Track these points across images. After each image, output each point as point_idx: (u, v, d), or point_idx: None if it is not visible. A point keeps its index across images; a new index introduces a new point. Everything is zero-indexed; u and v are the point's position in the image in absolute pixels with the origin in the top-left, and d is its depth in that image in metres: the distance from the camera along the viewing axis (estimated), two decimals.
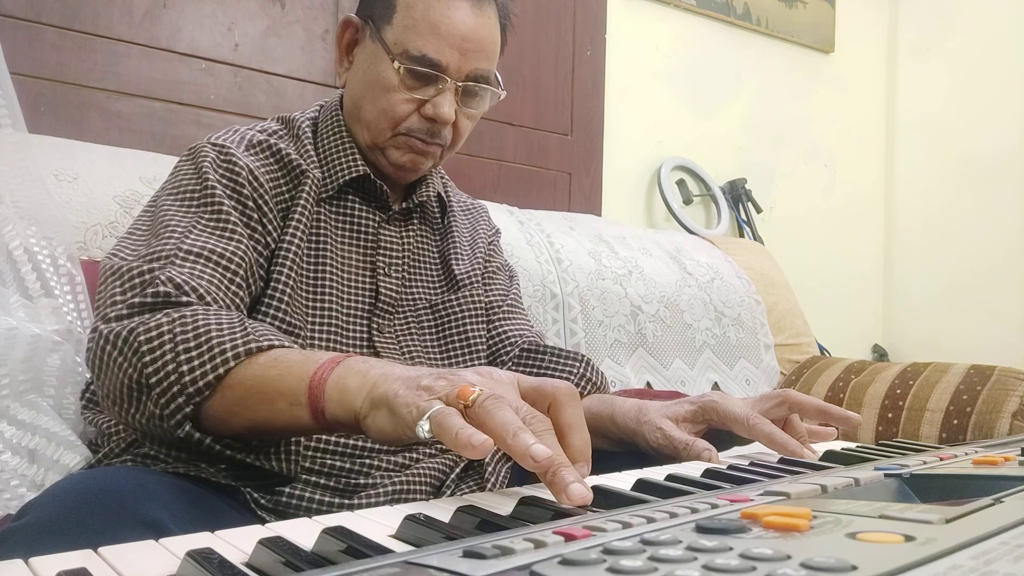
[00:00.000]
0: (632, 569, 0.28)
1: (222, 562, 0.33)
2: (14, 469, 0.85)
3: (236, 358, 0.63)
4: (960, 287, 2.70)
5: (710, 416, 0.79)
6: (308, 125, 0.93)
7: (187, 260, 0.74)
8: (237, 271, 0.78)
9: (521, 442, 0.48)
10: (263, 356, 0.64)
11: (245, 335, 0.65)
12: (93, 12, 1.49)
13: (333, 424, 0.60)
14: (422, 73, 0.85)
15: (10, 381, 0.90)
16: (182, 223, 0.78)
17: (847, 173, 2.85)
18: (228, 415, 0.64)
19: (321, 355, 0.63)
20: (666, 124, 2.38)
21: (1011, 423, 1.45)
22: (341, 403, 0.58)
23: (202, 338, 0.65)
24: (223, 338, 0.64)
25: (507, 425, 0.49)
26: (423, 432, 0.51)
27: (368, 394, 0.56)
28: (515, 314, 1.04)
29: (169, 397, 0.64)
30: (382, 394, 0.55)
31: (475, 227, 1.06)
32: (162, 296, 0.70)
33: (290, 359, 0.64)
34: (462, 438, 0.48)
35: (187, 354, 0.64)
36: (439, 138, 0.89)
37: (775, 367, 1.88)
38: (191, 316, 0.67)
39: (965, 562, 0.28)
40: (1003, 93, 2.63)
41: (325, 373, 0.60)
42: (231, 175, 0.83)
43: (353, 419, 0.57)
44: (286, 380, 0.61)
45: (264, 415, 0.63)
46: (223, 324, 0.66)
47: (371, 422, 0.56)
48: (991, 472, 0.51)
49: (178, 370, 0.63)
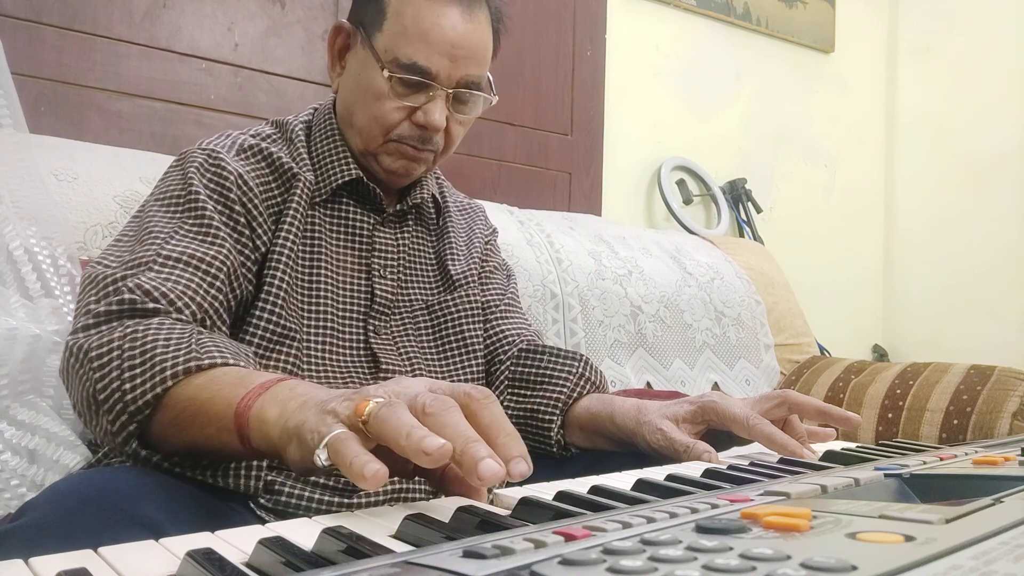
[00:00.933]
0: (632, 569, 0.28)
1: (222, 562, 0.33)
2: (14, 469, 0.85)
3: (174, 377, 0.62)
4: (960, 287, 2.70)
5: (709, 416, 0.79)
6: (302, 129, 0.93)
7: (165, 265, 0.74)
8: (217, 275, 0.77)
9: (413, 440, 0.45)
10: (201, 376, 0.62)
11: (188, 352, 0.63)
12: (93, 12, 1.49)
13: (260, 455, 0.58)
14: (412, 81, 0.85)
15: (10, 381, 0.90)
16: (165, 229, 0.78)
17: (847, 173, 2.85)
18: (166, 435, 0.64)
19: (254, 378, 0.60)
20: (666, 124, 2.38)
21: (1011, 423, 1.45)
22: (261, 434, 0.56)
23: (147, 355, 0.64)
24: (166, 355, 0.63)
25: (400, 428, 0.46)
26: (320, 460, 0.48)
27: (284, 426, 0.53)
28: (512, 313, 1.04)
29: (115, 414, 0.63)
30: (294, 425, 0.52)
31: (471, 227, 1.06)
32: (127, 304, 0.69)
33: (224, 381, 0.61)
34: (355, 468, 0.45)
35: (131, 371, 0.63)
36: (431, 144, 0.89)
37: (775, 367, 1.88)
38: (142, 331, 0.66)
39: (965, 562, 0.28)
40: (1003, 93, 2.63)
41: (250, 401, 0.57)
42: (218, 180, 0.83)
43: (274, 451, 0.55)
44: (216, 405, 0.59)
45: (199, 438, 0.61)
46: (171, 340, 0.65)
47: (287, 454, 0.53)
48: (991, 472, 0.51)
49: (122, 387, 0.63)
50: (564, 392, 0.90)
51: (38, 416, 0.90)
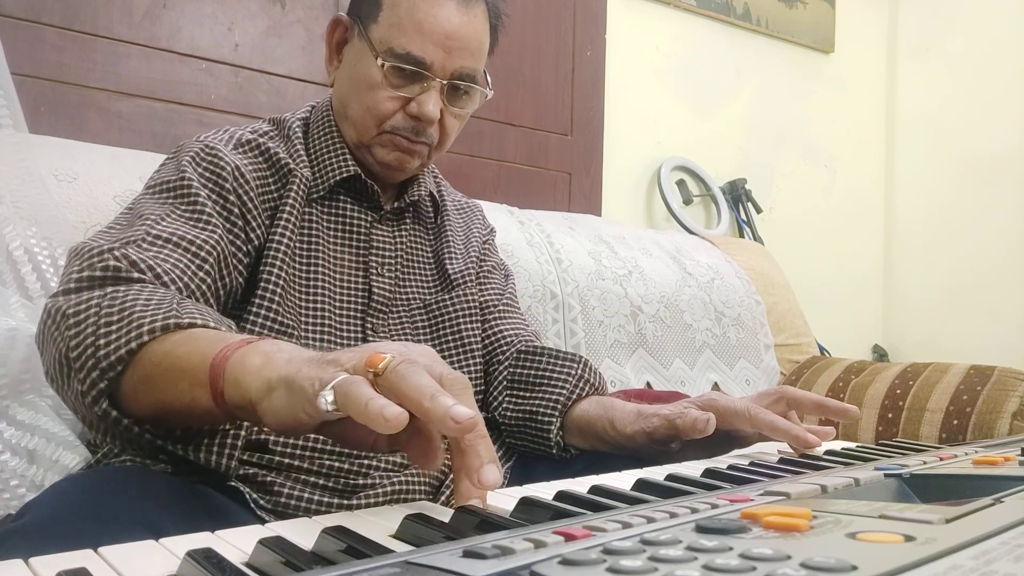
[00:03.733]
0: (632, 569, 0.28)
1: (222, 562, 0.33)
2: (13, 469, 0.85)
3: (151, 333, 0.59)
4: (960, 287, 2.70)
5: (711, 413, 0.79)
6: (299, 125, 0.93)
7: (154, 244, 0.73)
8: (207, 259, 0.76)
9: (440, 404, 0.43)
10: (180, 334, 0.59)
11: (168, 311, 0.61)
12: (93, 12, 1.49)
13: (232, 410, 0.54)
14: (406, 71, 0.85)
15: (9, 381, 0.90)
16: (156, 212, 0.78)
17: (847, 173, 2.85)
18: (137, 394, 0.60)
19: (236, 336, 0.57)
20: (666, 124, 2.38)
21: (1011, 423, 1.45)
22: (237, 384, 0.52)
23: (125, 312, 0.61)
24: (146, 312, 0.61)
25: (423, 388, 0.44)
26: (325, 403, 0.45)
27: (266, 376, 0.50)
28: (510, 313, 1.04)
29: (86, 371, 0.60)
30: (283, 374, 0.49)
31: (469, 226, 1.06)
32: (111, 270, 0.68)
33: (204, 337, 0.58)
34: (372, 409, 0.42)
35: (107, 328, 0.61)
36: (424, 136, 0.88)
37: (775, 367, 1.88)
38: (123, 292, 0.64)
39: (965, 562, 0.28)
40: (1003, 93, 2.63)
41: (229, 352, 0.54)
42: (213, 170, 0.82)
43: (248, 404, 0.51)
44: (192, 359, 0.56)
45: (169, 395, 0.58)
46: (152, 300, 0.62)
47: (266, 406, 0.50)
48: (991, 472, 0.51)
49: (96, 343, 0.60)
50: (563, 394, 0.90)
51: (38, 416, 0.90)
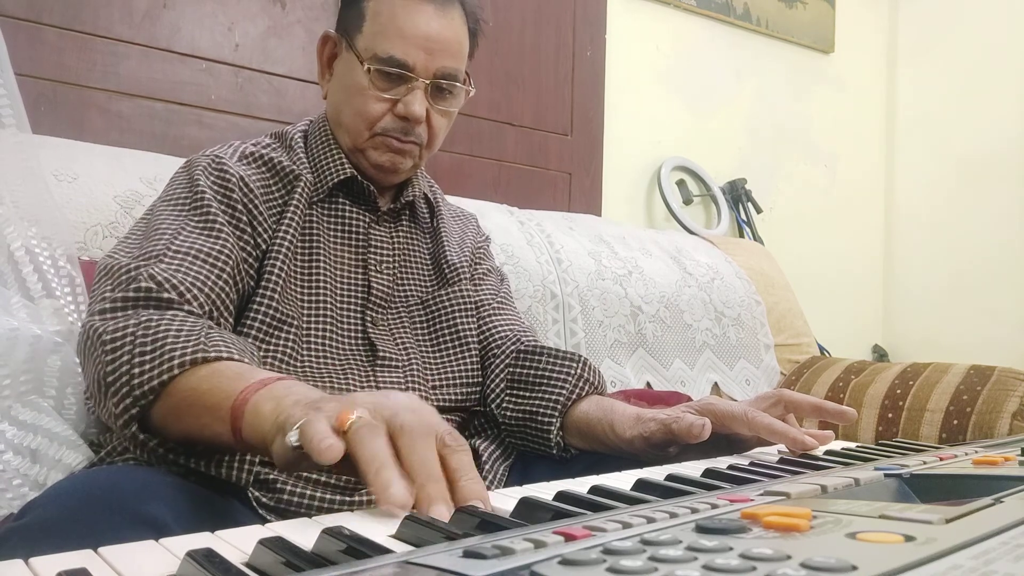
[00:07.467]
0: (632, 569, 0.28)
1: (222, 562, 0.33)
2: (16, 469, 0.86)
3: (181, 367, 0.64)
4: (960, 287, 2.70)
5: (708, 417, 0.79)
6: (300, 137, 0.99)
7: (175, 258, 0.79)
8: (224, 268, 0.82)
9: (381, 480, 0.46)
10: (205, 368, 0.65)
11: (196, 344, 0.66)
12: (93, 12, 1.49)
13: (249, 447, 0.60)
14: (391, 74, 0.90)
15: (11, 382, 0.90)
16: (172, 226, 0.83)
17: (847, 173, 2.84)
18: (166, 423, 0.66)
19: (254, 374, 0.63)
20: (666, 124, 2.38)
21: (1011, 423, 1.45)
22: (253, 427, 0.58)
23: (159, 343, 0.67)
24: (176, 345, 0.66)
25: (373, 459, 0.48)
26: (292, 440, 0.50)
27: (275, 420, 0.56)
28: (505, 310, 1.06)
29: (120, 397, 0.66)
30: (284, 419, 0.54)
31: (464, 231, 1.10)
32: (143, 292, 0.74)
33: (224, 375, 0.64)
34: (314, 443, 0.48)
35: (141, 357, 0.66)
36: (414, 136, 0.93)
37: (775, 367, 1.88)
38: (156, 320, 0.69)
39: (965, 562, 0.28)
40: (1002, 93, 2.63)
41: (249, 395, 0.60)
42: (222, 182, 0.88)
43: (262, 444, 0.57)
44: (214, 396, 0.62)
45: (194, 427, 0.64)
46: (182, 331, 0.68)
47: (274, 448, 0.55)
48: (991, 472, 0.52)
49: (130, 371, 0.66)
50: (563, 394, 0.90)
51: (40, 416, 0.90)
